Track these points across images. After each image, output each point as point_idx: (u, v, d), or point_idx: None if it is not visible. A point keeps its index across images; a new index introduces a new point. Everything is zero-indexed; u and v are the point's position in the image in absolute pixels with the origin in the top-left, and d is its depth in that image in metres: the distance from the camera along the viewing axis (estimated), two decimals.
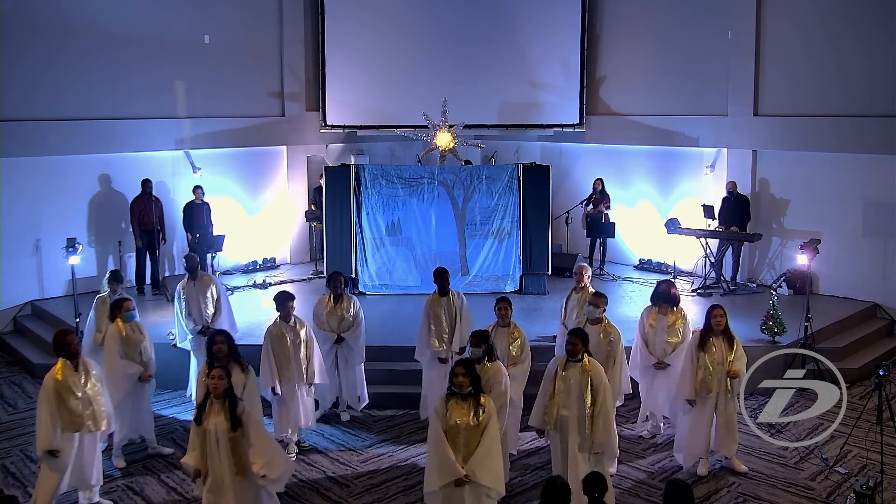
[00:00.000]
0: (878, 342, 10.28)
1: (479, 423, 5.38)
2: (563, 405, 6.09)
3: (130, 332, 7.39)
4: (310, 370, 7.47)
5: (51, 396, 6.23)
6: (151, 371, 7.46)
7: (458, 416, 5.39)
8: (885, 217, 10.79)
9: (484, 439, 5.38)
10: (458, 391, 5.44)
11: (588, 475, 4.97)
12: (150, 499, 6.78)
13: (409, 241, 11.49)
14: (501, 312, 7.12)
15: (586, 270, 8.21)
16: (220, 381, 5.48)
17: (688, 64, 12.54)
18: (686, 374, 6.97)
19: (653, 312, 7.65)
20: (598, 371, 6.19)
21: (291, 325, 7.46)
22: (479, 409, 5.42)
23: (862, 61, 10.80)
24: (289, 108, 13.67)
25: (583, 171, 13.99)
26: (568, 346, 6.15)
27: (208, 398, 5.53)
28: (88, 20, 11.40)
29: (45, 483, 6.29)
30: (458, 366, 5.52)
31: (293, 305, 7.56)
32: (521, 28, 13.72)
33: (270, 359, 7.37)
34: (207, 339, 6.73)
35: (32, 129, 10.95)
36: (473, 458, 5.35)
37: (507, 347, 7.08)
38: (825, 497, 6.66)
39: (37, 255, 11.35)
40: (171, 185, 12.52)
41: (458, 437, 5.37)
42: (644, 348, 7.61)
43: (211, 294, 8.62)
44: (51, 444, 6.18)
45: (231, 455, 5.44)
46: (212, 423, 5.45)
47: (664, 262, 12.80)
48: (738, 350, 6.92)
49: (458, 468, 5.32)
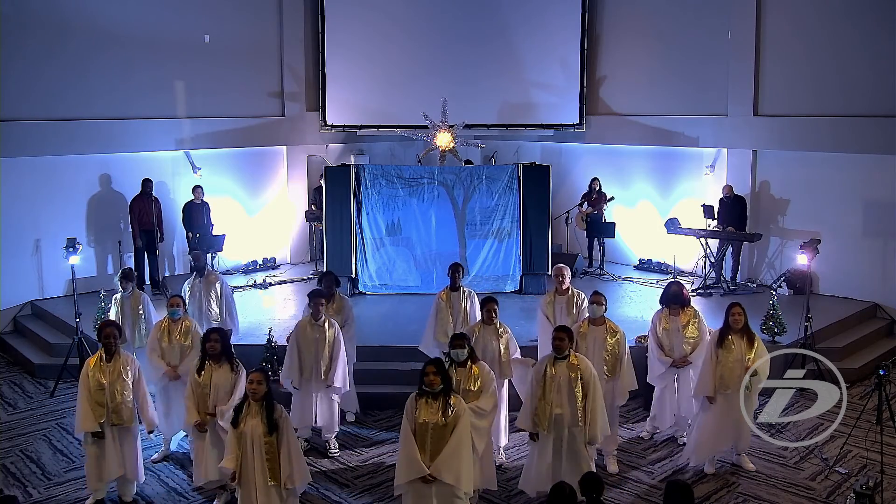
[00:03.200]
0: (878, 342, 10.27)
1: (446, 422, 5.40)
2: (557, 403, 6.10)
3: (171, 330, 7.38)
4: (330, 371, 7.36)
5: (82, 383, 6.46)
6: (181, 370, 7.32)
7: (427, 415, 5.43)
8: (885, 217, 10.79)
9: (451, 439, 5.40)
10: (428, 389, 5.46)
11: (584, 475, 4.97)
12: (151, 499, 6.79)
13: (409, 241, 11.49)
14: (491, 315, 7.12)
15: (566, 271, 8.10)
16: (259, 385, 5.50)
17: (688, 64, 12.54)
18: (706, 372, 6.98)
19: (664, 315, 7.57)
20: (586, 365, 6.23)
21: (319, 324, 7.42)
22: (448, 408, 5.43)
23: (862, 61, 10.80)
24: (289, 108, 13.67)
25: (583, 171, 13.98)
26: (555, 343, 6.16)
27: (246, 401, 5.55)
28: (88, 20, 11.40)
29: (89, 467, 6.54)
30: (430, 364, 5.55)
31: (322, 303, 7.50)
32: (522, 28, 13.72)
33: (293, 352, 7.39)
34: (202, 336, 6.74)
35: (32, 129, 10.96)
36: (439, 458, 5.38)
37: (497, 346, 7.09)
38: (825, 497, 6.66)
39: (37, 255, 11.36)
40: (171, 185, 12.52)
41: (427, 435, 5.41)
42: (659, 352, 7.50)
43: (215, 292, 8.65)
44: (90, 427, 6.39)
45: (265, 460, 5.46)
46: (248, 426, 5.48)
47: (664, 262, 12.79)
48: (759, 348, 6.89)
49: (423, 466, 5.38)
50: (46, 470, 7.31)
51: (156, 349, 7.35)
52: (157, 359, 7.33)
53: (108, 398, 6.42)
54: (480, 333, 7.16)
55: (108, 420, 6.45)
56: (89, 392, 6.41)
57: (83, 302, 9.72)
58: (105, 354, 6.53)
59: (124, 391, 6.48)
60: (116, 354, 6.54)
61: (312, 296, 7.54)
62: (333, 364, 7.38)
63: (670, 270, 12.23)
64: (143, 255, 11.74)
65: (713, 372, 6.92)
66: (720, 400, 6.95)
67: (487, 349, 7.07)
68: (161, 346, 7.35)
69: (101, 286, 10.53)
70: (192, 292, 8.66)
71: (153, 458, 7.42)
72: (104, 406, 6.42)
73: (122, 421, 6.50)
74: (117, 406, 6.45)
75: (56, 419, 8.49)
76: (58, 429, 8.24)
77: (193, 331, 7.46)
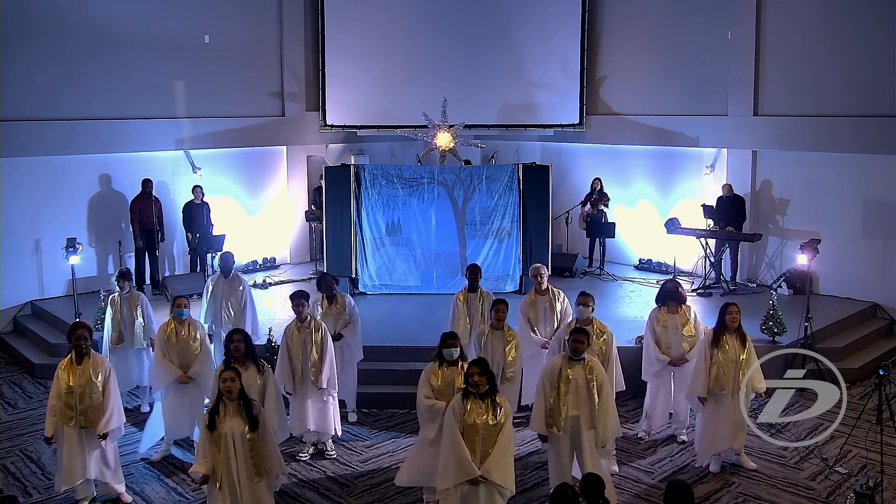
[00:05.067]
0: (878, 342, 10.27)
1: (496, 422, 5.40)
2: (573, 405, 6.09)
3: (178, 331, 7.35)
4: (322, 374, 7.31)
5: (54, 385, 6.41)
6: (192, 372, 7.30)
7: (477, 416, 5.40)
8: (885, 217, 10.79)
9: (500, 439, 5.40)
10: (474, 391, 5.44)
11: (585, 476, 4.97)
12: (151, 499, 6.78)
13: (409, 241, 11.49)
14: (499, 315, 7.11)
15: (544, 270, 8.12)
16: (233, 382, 5.41)
17: (688, 64, 12.54)
18: (699, 372, 6.98)
19: (661, 313, 7.60)
20: (600, 367, 6.25)
21: (305, 325, 7.39)
22: (496, 408, 5.44)
23: (862, 61, 10.80)
24: (289, 108, 13.67)
25: (583, 171, 13.98)
26: (574, 345, 6.13)
27: (220, 401, 5.46)
28: (88, 20, 11.40)
29: (60, 464, 6.49)
30: (474, 365, 5.52)
31: (304, 304, 7.43)
32: (521, 28, 13.72)
33: (283, 356, 7.36)
34: (225, 337, 6.72)
35: (32, 129, 10.96)
36: (490, 458, 5.36)
37: (503, 350, 7.07)
38: (825, 497, 6.66)
39: (37, 255, 11.36)
40: (171, 185, 12.52)
41: (476, 436, 5.38)
42: (656, 350, 7.53)
43: (236, 295, 8.67)
44: (47, 432, 6.37)
45: (250, 457, 5.40)
46: (227, 426, 5.37)
47: (664, 262, 12.79)
48: (749, 349, 6.89)
49: (475, 468, 5.35)
50: (46, 470, 7.30)
51: (165, 352, 7.32)
52: (168, 363, 7.29)
53: (76, 401, 6.33)
54: (489, 338, 7.16)
55: (76, 423, 6.36)
56: (58, 395, 6.32)
57: (83, 302, 9.73)
58: (76, 356, 6.43)
59: (93, 394, 6.38)
60: (87, 356, 6.44)
61: (294, 297, 7.49)
62: (322, 366, 7.31)
63: (670, 270, 12.23)
64: (144, 255, 11.74)
65: (706, 372, 6.92)
66: (714, 400, 6.95)
67: (495, 354, 7.06)
68: (168, 347, 7.32)
69: (101, 286, 10.54)
70: (214, 293, 8.63)
71: (153, 458, 7.42)
72: (73, 409, 6.33)
73: (92, 423, 6.40)
74: (86, 409, 6.35)
75: None
76: None
77: (201, 332, 7.46)
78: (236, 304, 8.64)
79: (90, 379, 6.39)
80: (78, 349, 6.43)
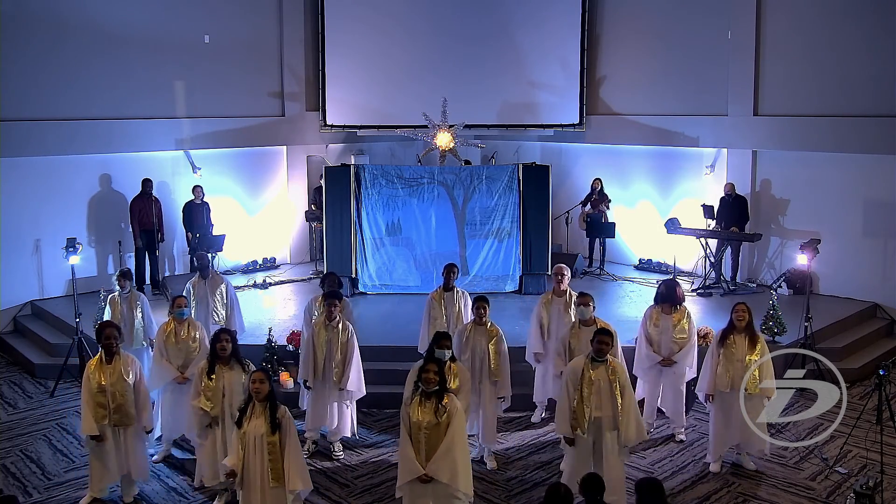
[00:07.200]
0: (878, 342, 10.27)
1: (439, 421, 5.39)
2: (597, 406, 6.08)
3: (177, 331, 7.32)
4: (344, 375, 7.26)
5: (84, 384, 6.46)
6: (189, 373, 7.19)
7: (420, 415, 5.42)
8: (885, 217, 10.79)
9: (445, 438, 5.40)
10: (425, 388, 5.45)
11: (586, 476, 4.96)
12: (151, 499, 6.79)
13: (409, 241, 11.48)
14: (481, 312, 7.14)
15: (566, 271, 8.05)
16: (262, 384, 5.47)
17: (688, 64, 12.54)
18: (706, 371, 7.01)
19: (656, 312, 7.63)
20: (622, 368, 6.26)
21: (333, 325, 7.34)
22: (440, 408, 5.43)
23: (862, 61, 10.80)
24: (289, 108, 13.67)
25: (583, 171, 13.99)
26: (599, 346, 6.12)
27: (250, 401, 5.52)
28: (88, 20, 11.40)
29: (92, 468, 6.58)
30: (431, 363, 5.55)
31: (336, 304, 7.35)
32: (521, 28, 13.72)
33: (308, 351, 7.33)
34: (212, 337, 6.72)
35: (32, 128, 10.95)
36: (434, 457, 5.38)
37: (486, 346, 7.10)
38: (825, 497, 6.66)
39: (37, 255, 11.35)
40: (171, 185, 12.52)
41: (420, 434, 5.41)
42: (648, 347, 7.57)
43: (220, 294, 8.62)
44: (89, 430, 6.40)
45: (268, 460, 5.42)
46: (252, 426, 5.44)
47: (664, 262, 12.80)
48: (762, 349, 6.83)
49: (418, 466, 5.38)
50: (46, 470, 7.31)
51: (164, 353, 7.31)
52: (166, 363, 7.28)
53: (108, 399, 6.41)
54: (471, 333, 7.18)
55: (109, 421, 6.44)
56: (91, 394, 6.40)
57: (83, 302, 9.72)
58: (105, 356, 6.51)
59: (126, 392, 6.46)
60: (117, 355, 6.52)
61: (328, 297, 7.44)
62: (347, 368, 7.28)
63: (670, 270, 12.23)
64: (144, 255, 11.74)
65: (713, 371, 6.94)
66: (721, 398, 6.96)
67: (477, 350, 7.10)
68: (167, 347, 7.32)
69: (102, 286, 10.54)
70: (195, 294, 8.58)
71: (154, 459, 7.41)
72: (105, 407, 6.41)
73: (124, 422, 6.49)
74: (118, 407, 6.44)
75: (56, 419, 8.48)
76: (58, 429, 8.23)
77: (200, 331, 7.45)
78: (220, 304, 8.59)
79: (121, 377, 6.45)
80: (107, 348, 6.49)
